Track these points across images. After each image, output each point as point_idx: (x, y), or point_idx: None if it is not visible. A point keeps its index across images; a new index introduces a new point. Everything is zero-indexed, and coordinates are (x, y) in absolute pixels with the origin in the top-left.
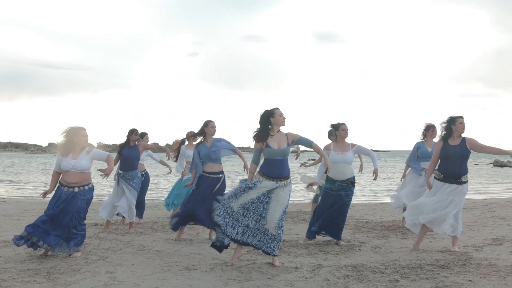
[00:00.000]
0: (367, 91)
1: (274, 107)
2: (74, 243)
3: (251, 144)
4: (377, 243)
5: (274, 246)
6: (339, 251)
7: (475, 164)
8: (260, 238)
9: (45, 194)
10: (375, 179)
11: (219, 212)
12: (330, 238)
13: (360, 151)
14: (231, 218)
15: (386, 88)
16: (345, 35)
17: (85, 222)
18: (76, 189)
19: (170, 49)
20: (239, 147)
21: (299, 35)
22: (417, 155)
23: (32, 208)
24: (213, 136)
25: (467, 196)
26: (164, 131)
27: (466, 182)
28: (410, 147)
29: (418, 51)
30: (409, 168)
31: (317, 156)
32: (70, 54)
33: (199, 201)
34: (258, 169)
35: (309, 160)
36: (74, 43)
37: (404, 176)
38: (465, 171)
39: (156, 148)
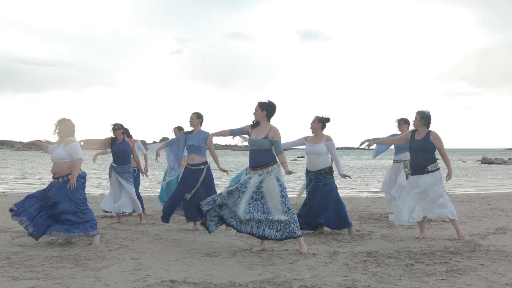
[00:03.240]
0: (352, 89)
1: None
2: (84, 227)
3: (237, 142)
4: (386, 232)
5: (293, 228)
6: (350, 239)
7: (463, 161)
8: (278, 227)
9: (29, 143)
10: (349, 177)
11: (232, 217)
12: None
13: (329, 148)
14: (243, 224)
15: (371, 86)
16: (329, 33)
17: (95, 215)
18: (61, 180)
19: (155, 46)
20: (225, 145)
21: (283, 32)
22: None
23: None
24: (201, 129)
25: (462, 189)
26: (150, 129)
27: (435, 170)
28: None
29: (403, 49)
30: (392, 163)
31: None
32: (53, 50)
33: (182, 194)
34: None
35: (298, 157)
36: (57, 40)
37: None
38: (429, 162)
39: (135, 156)
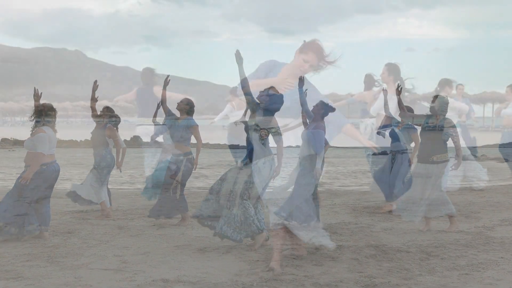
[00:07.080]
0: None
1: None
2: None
3: (209, 140)
4: (386, 225)
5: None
6: (350, 233)
7: None
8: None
9: None
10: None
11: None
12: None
13: (314, 136)
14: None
15: (334, 85)
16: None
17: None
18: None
19: None
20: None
21: (249, 30)
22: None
23: None
24: (189, 117)
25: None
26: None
27: (441, 162)
28: (356, 143)
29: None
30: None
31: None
32: None
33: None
34: None
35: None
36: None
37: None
38: (438, 151)
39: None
